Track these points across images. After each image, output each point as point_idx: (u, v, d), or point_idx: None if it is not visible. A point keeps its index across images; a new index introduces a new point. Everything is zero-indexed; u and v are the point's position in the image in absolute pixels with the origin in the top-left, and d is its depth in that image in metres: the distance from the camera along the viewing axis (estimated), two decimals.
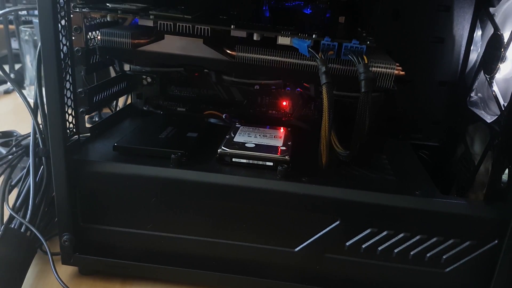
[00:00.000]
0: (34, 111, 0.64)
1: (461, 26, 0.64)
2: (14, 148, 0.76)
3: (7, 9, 0.64)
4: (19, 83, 1.43)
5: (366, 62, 0.47)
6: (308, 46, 0.48)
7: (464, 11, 0.63)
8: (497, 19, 0.57)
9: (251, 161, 0.53)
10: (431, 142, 0.70)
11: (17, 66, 1.48)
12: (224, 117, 0.69)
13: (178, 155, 0.52)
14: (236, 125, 0.63)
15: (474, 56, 0.64)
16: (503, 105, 0.50)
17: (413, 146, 0.68)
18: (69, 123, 0.54)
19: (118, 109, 0.75)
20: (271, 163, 0.53)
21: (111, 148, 0.55)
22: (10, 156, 0.70)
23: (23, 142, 0.74)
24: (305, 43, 0.48)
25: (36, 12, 1.76)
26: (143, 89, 0.72)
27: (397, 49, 0.63)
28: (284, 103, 0.71)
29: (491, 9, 0.58)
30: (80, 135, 0.56)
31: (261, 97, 0.70)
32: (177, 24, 0.52)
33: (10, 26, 1.54)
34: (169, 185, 0.52)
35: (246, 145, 0.56)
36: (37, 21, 1.24)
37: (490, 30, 0.58)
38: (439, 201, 0.49)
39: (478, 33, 0.64)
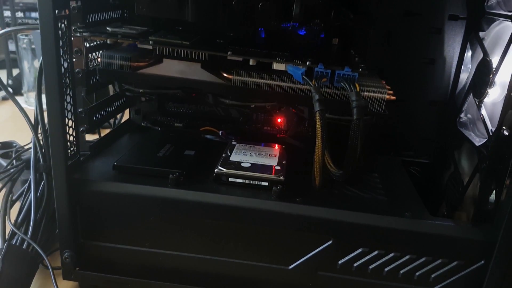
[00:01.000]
0: (34, 127, 0.66)
1: (452, 48, 0.66)
2: (14, 161, 0.78)
3: (7, 29, 0.66)
4: (17, 89, 1.45)
5: (358, 90, 0.48)
6: (302, 74, 0.49)
7: (455, 34, 0.65)
8: (486, 43, 0.58)
9: (247, 181, 0.55)
10: (422, 159, 0.72)
11: (14, 71, 1.49)
12: (220, 134, 0.70)
13: (176, 175, 0.54)
14: (232, 142, 0.65)
15: (464, 77, 0.66)
16: (491, 130, 0.52)
17: (404, 162, 0.70)
18: (70, 143, 0.56)
19: (117, 122, 0.76)
20: (266, 183, 0.55)
21: (110, 167, 0.56)
22: (11, 170, 0.72)
23: (24, 156, 0.75)
24: (299, 70, 0.50)
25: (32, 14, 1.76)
26: (141, 105, 0.73)
27: (389, 69, 0.65)
28: (279, 120, 0.72)
29: (481, 34, 0.60)
30: (81, 153, 0.58)
31: (256, 114, 0.72)
32: (176, 49, 0.53)
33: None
34: (167, 204, 0.53)
35: (242, 164, 0.57)
36: (36, 31, 1.25)
37: (480, 52, 0.59)
38: (428, 222, 0.51)
39: (468, 53, 0.66)
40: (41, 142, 0.65)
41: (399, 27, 0.65)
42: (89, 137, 0.63)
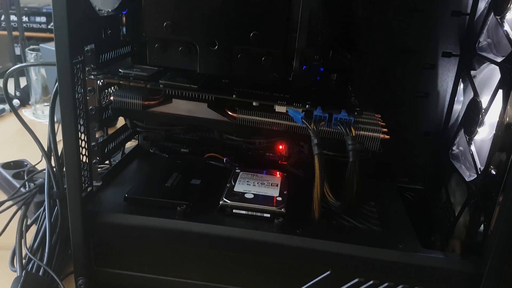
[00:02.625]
0: (48, 155, 0.69)
1: (445, 83, 0.69)
2: (27, 183, 0.81)
3: (22, 65, 0.69)
4: (24, 101, 1.48)
5: (353, 134, 0.52)
6: (302, 118, 0.53)
7: (448, 69, 0.68)
8: (477, 82, 0.62)
9: (250, 213, 0.59)
10: (416, 186, 0.76)
11: (21, 79, 1.52)
12: (224, 161, 0.74)
13: (183, 207, 0.58)
14: (236, 170, 0.69)
15: (457, 108, 0.70)
16: (480, 168, 0.56)
17: (399, 188, 0.74)
18: (84, 176, 0.59)
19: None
20: (268, 215, 0.58)
21: (122, 198, 0.60)
22: (25, 194, 0.75)
23: (37, 181, 0.78)
24: (299, 114, 0.53)
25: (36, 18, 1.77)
26: (150, 132, 0.77)
27: (385, 101, 0.69)
28: (281, 147, 0.76)
29: (472, 72, 0.63)
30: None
31: (259, 141, 0.75)
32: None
33: (14, 33, 1.57)
34: (176, 235, 0.57)
35: (246, 195, 0.61)
36: (44, 46, 1.28)
37: (471, 89, 0.63)
38: (420, 255, 0.55)
39: (461, 86, 0.69)
40: (54, 169, 0.68)
41: (394, 63, 0.69)
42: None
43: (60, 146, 0.62)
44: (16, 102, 1.46)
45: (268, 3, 0.47)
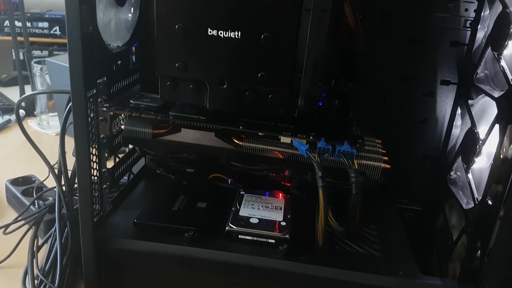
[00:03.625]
0: (58, 178, 0.71)
1: (444, 109, 0.71)
2: (36, 201, 0.83)
3: (30, 93, 0.71)
4: (29, 111, 1.50)
5: (356, 167, 0.54)
6: (306, 150, 0.55)
7: (446, 97, 0.71)
8: (474, 111, 0.64)
9: (255, 238, 0.61)
10: (415, 207, 0.78)
11: (26, 88, 1.54)
12: (229, 182, 0.76)
13: (190, 233, 0.60)
14: (241, 192, 0.71)
15: (456, 132, 0.72)
16: (477, 198, 0.58)
17: (399, 209, 0.76)
18: (96, 203, 0.61)
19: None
20: (273, 241, 0.61)
21: (131, 223, 0.62)
22: (35, 214, 0.77)
23: (47, 201, 0.80)
24: (304, 146, 0.56)
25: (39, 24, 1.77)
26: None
27: (385, 126, 0.71)
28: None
29: (470, 101, 0.65)
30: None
31: (264, 169, 0.77)
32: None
33: (19, 38, 1.59)
34: (183, 261, 0.59)
35: (251, 220, 0.63)
36: (49, 60, 1.30)
37: (468, 118, 0.65)
38: (418, 282, 0.57)
39: (458, 111, 0.71)
40: (65, 192, 0.70)
41: (394, 90, 0.71)
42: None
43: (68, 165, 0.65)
44: (21, 112, 1.47)
45: (275, 46, 0.49)
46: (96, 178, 0.61)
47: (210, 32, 0.49)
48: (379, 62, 0.69)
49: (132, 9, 0.64)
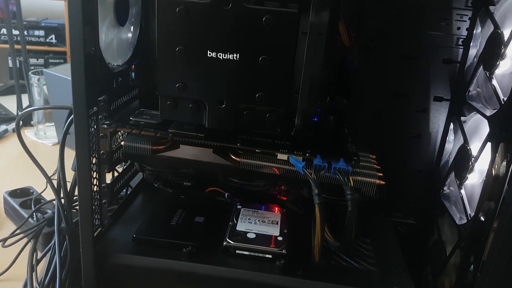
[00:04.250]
0: (57, 193, 0.72)
1: (437, 125, 0.73)
2: (34, 214, 0.84)
3: (29, 109, 0.72)
4: (26, 121, 1.50)
5: (351, 184, 0.55)
6: (303, 167, 0.56)
7: (439, 113, 0.72)
8: (466, 128, 0.66)
9: (252, 254, 0.62)
10: (410, 220, 0.79)
11: (23, 97, 1.54)
12: (226, 196, 0.77)
13: (189, 248, 0.61)
14: (238, 206, 0.72)
15: (449, 147, 0.73)
16: (470, 214, 0.59)
17: (393, 223, 0.77)
18: (96, 218, 0.62)
19: None
20: (270, 256, 0.62)
21: (130, 237, 0.63)
22: (35, 227, 0.78)
23: (45, 214, 0.81)
24: (300, 164, 0.57)
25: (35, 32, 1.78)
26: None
27: (379, 141, 0.73)
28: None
29: (462, 118, 0.67)
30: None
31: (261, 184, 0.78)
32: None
33: (16, 46, 1.59)
34: (181, 277, 0.60)
35: (248, 235, 0.64)
36: (47, 71, 1.30)
37: (460, 135, 0.67)
38: None
39: (451, 126, 0.73)
40: (64, 205, 0.71)
41: (388, 106, 0.73)
42: None
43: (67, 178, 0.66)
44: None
45: (272, 68, 0.50)
46: (96, 193, 0.62)
47: (210, 54, 0.50)
48: (373, 79, 0.71)
49: (133, 28, 0.65)
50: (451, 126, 0.72)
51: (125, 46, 0.64)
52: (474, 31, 0.67)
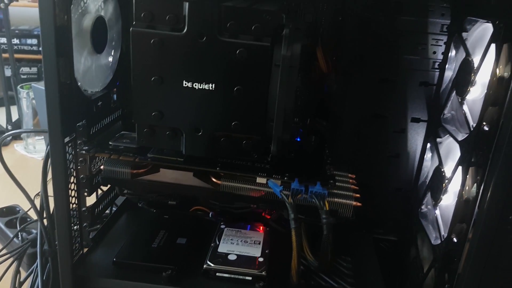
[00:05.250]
0: (40, 215, 0.72)
1: (414, 145, 0.74)
2: (19, 234, 0.84)
3: (13, 131, 0.72)
4: (16, 135, 1.50)
5: (327, 208, 0.56)
6: (280, 191, 0.57)
7: (417, 133, 0.74)
8: (442, 149, 0.67)
9: (232, 276, 0.63)
10: (391, 237, 0.81)
11: (13, 109, 1.53)
12: (210, 215, 0.78)
13: (168, 272, 0.61)
14: (221, 226, 0.73)
15: (427, 166, 0.75)
16: (443, 235, 0.60)
17: (375, 239, 0.78)
18: (75, 243, 0.63)
19: None
20: (250, 278, 0.62)
21: (110, 261, 0.64)
22: (18, 249, 0.78)
23: (30, 234, 0.81)
24: (278, 188, 0.58)
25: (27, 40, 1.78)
26: None
27: (359, 161, 0.74)
28: None
29: (438, 139, 0.68)
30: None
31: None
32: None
33: (4, 55, 1.59)
34: None
35: (229, 256, 0.65)
36: (36, 85, 1.31)
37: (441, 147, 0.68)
38: None
39: (428, 145, 0.74)
40: (47, 228, 0.71)
41: (367, 127, 0.74)
42: None
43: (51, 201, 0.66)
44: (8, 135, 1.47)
45: (247, 98, 0.51)
46: (75, 218, 0.62)
47: (185, 84, 0.51)
48: (352, 101, 0.72)
49: (113, 51, 0.66)
50: (428, 146, 0.74)
51: (105, 71, 0.65)
52: (449, 54, 0.69)
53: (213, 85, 0.51)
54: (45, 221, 0.69)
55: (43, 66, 0.50)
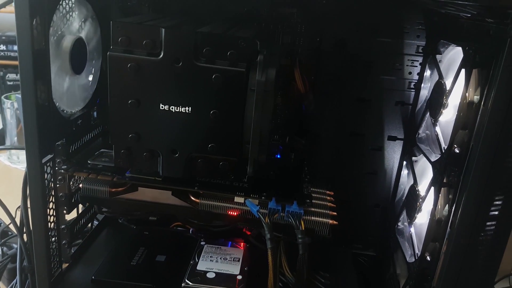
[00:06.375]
0: (20, 231, 0.72)
1: (391, 163, 0.76)
2: (0, 248, 0.84)
3: None
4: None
5: (303, 228, 0.57)
6: (257, 211, 0.58)
7: (394, 151, 0.75)
8: (417, 168, 0.69)
9: None
10: (369, 252, 0.82)
11: None
12: (190, 231, 0.78)
13: None
14: (201, 243, 0.73)
15: (404, 183, 0.76)
16: (417, 254, 0.62)
17: (354, 254, 0.80)
18: (54, 261, 0.63)
19: None
20: None
21: (89, 279, 0.64)
22: None
23: (10, 250, 0.81)
24: (255, 207, 0.58)
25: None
26: None
27: (337, 177, 0.76)
28: None
29: (414, 158, 0.70)
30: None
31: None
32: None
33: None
34: None
35: (208, 275, 0.65)
36: (19, 96, 1.30)
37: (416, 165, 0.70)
38: None
39: (404, 163, 0.76)
40: (26, 244, 0.71)
41: (345, 145, 0.76)
42: None
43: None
44: None
45: (223, 121, 0.52)
46: (54, 237, 0.62)
47: (162, 107, 0.51)
48: (330, 120, 0.74)
49: (93, 69, 0.67)
50: (405, 163, 0.75)
51: (84, 91, 0.65)
52: (425, 74, 0.70)
53: (190, 108, 0.51)
54: (25, 236, 0.69)
55: (20, 89, 0.50)
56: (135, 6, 0.68)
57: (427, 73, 0.70)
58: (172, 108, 0.52)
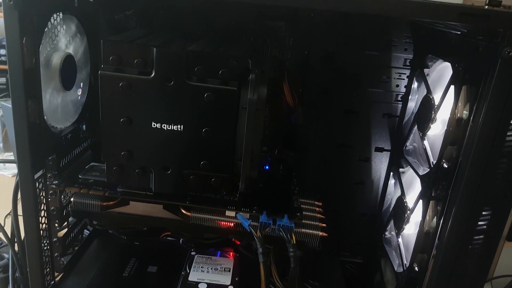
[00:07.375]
0: (11, 242, 0.71)
1: (378, 173, 0.77)
2: None
3: None
4: None
5: (294, 242, 0.58)
6: (249, 225, 0.59)
7: (381, 162, 0.77)
8: (404, 179, 0.70)
9: None
10: (357, 259, 0.83)
11: None
12: (181, 241, 0.79)
13: None
14: (192, 253, 0.74)
15: (391, 192, 0.78)
16: (405, 264, 0.63)
17: (342, 261, 0.81)
18: (47, 274, 0.63)
19: None
20: None
21: None
22: None
23: (2, 260, 0.80)
24: (246, 222, 0.59)
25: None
26: None
27: (325, 187, 0.77)
28: None
29: (401, 170, 0.71)
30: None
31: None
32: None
33: None
34: None
35: (199, 286, 0.66)
36: (4, 104, 1.29)
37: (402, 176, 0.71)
38: None
39: (391, 173, 0.77)
40: (18, 255, 0.71)
41: (333, 156, 0.77)
42: None
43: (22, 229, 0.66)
44: None
45: (215, 139, 0.52)
46: (46, 250, 0.62)
47: (154, 125, 0.52)
48: (318, 131, 0.75)
49: (82, 84, 0.66)
50: (392, 174, 0.77)
51: (74, 107, 0.65)
52: (412, 86, 0.72)
53: (182, 126, 0.52)
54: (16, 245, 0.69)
55: (12, 107, 0.50)
56: (122, 19, 0.68)
57: (415, 85, 0.71)
58: (164, 126, 0.52)
